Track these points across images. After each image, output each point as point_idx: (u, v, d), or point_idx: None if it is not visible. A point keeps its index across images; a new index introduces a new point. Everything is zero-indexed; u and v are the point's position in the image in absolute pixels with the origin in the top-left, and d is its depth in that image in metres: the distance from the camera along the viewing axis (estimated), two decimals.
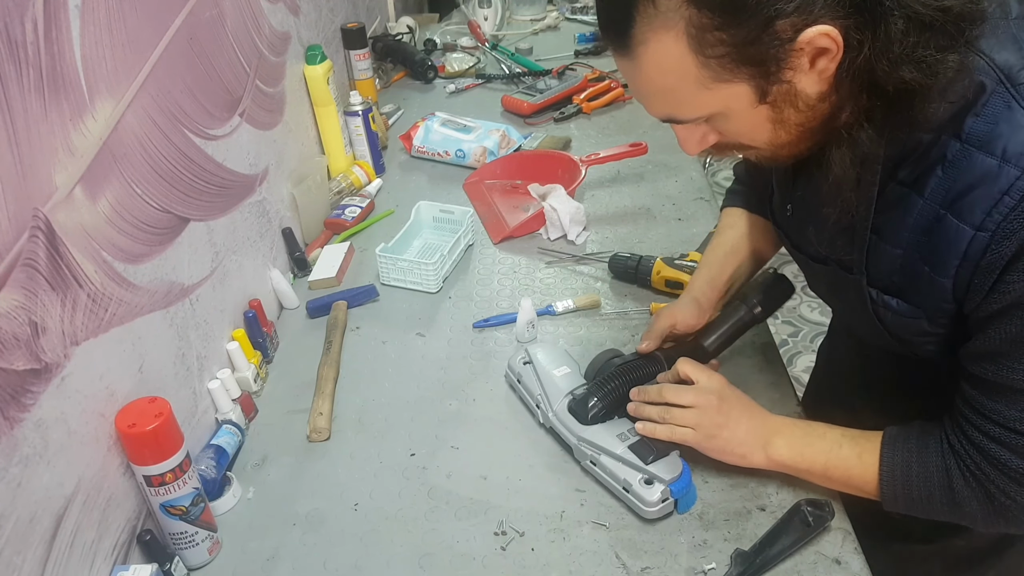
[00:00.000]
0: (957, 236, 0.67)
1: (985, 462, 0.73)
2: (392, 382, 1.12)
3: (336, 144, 1.55)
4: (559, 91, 1.88)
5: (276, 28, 1.33)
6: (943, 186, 0.68)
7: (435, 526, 0.91)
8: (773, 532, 0.85)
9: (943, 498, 0.77)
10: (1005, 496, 0.73)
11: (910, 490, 0.78)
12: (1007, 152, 0.63)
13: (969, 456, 0.75)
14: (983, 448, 0.73)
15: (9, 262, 0.66)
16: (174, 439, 0.82)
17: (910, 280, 0.74)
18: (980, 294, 0.68)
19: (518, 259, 1.37)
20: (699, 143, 0.76)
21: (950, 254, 0.68)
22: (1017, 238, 0.63)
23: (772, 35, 0.62)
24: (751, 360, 1.10)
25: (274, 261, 1.29)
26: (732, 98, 0.67)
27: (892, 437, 0.81)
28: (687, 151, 0.78)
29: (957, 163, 0.66)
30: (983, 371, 0.71)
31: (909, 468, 0.78)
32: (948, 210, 0.67)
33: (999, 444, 0.72)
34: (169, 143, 0.94)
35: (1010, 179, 0.63)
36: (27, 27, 0.68)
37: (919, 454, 0.78)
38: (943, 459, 0.77)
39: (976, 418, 0.73)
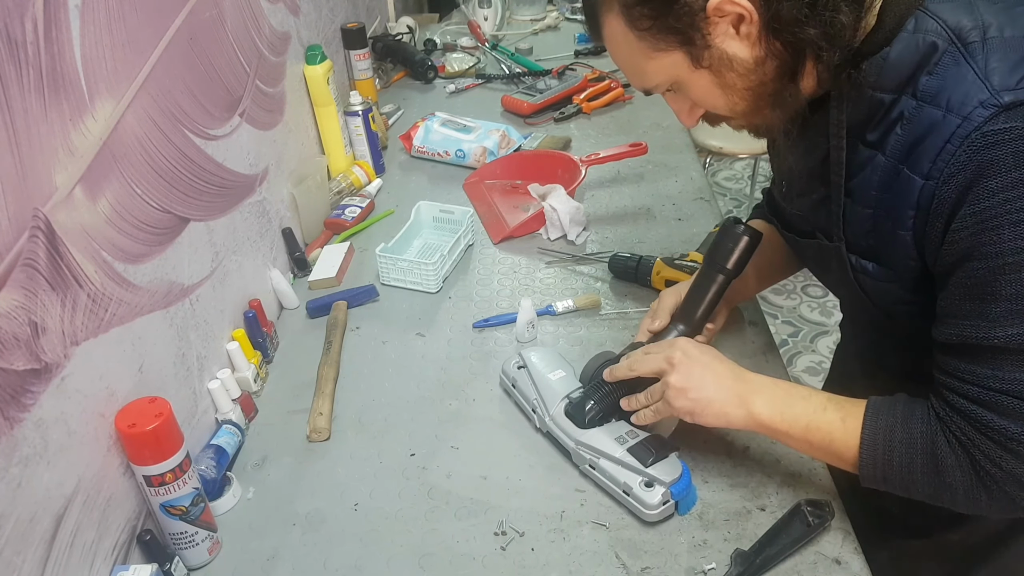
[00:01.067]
0: (910, 187, 0.70)
1: (969, 426, 0.72)
2: (392, 382, 1.12)
3: (336, 144, 1.55)
4: (559, 91, 1.88)
5: (276, 28, 1.33)
6: (901, 142, 0.71)
7: (435, 526, 0.91)
8: (773, 532, 0.85)
9: (925, 466, 0.75)
10: (991, 463, 0.71)
11: (891, 456, 0.76)
12: (950, 102, 0.67)
13: (953, 421, 0.73)
14: (965, 411, 0.72)
15: (9, 262, 0.66)
16: (174, 439, 0.82)
17: (881, 240, 0.77)
18: (935, 246, 0.71)
19: (518, 259, 1.37)
20: (689, 114, 0.83)
21: (906, 205, 0.71)
22: (955, 182, 0.66)
23: (683, 6, 0.70)
24: (751, 361, 1.10)
25: (274, 261, 1.29)
26: (673, 66, 0.76)
27: (877, 403, 0.80)
28: (683, 123, 0.85)
29: (912, 119, 0.70)
30: (949, 335, 0.72)
31: (892, 433, 0.77)
32: (904, 164, 0.71)
33: (980, 405, 0.71)
34: (169, 143, 0.94)
35: (951, 127, 0.66)
36: (27, 27, 0.68)
37: (904, 420, 0.77)
38: (928, 426, 0.76)
39: (952, 382, 0.73)
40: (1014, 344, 0.67)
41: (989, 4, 0.68)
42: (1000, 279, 0.66)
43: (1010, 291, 0.66)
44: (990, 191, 0.64)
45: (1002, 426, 0.70)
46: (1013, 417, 0.69)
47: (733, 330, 1.16)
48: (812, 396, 0.83)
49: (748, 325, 1.17)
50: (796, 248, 0.95)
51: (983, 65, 0.65)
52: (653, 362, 0.89)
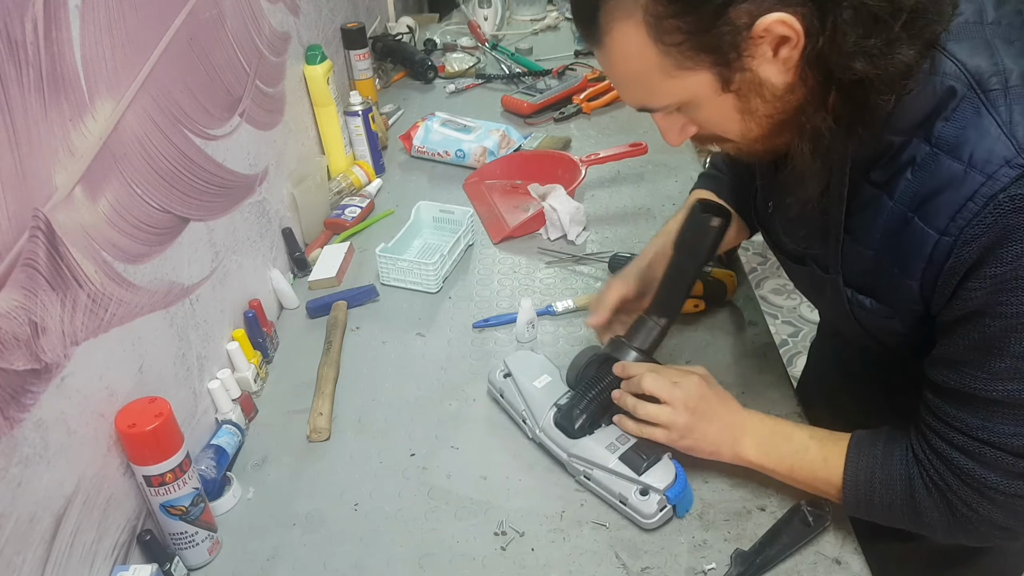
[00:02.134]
0: (923, 239, 0.67)
1: (947, 471, 0.73)
2: (392, 382, 1.12)
3: (336, 144, 1.55)
4: (559, 91, 1.88)
5: (276, 28, 1.33)
6: (911, 189, 0.68)
7: (435, 526, 0.91)
8: (773, 532, 0.85)
9: (904, 507, 0.77)
10: (966, 507, 0.73)
11: (872, 497, 0.79)
12: (973, 158, 0.63)
13: (932, 465, 0.74)
14: (945, 456, 0.73)
15: (9, 262, 0.66)
16: (174, 439, 0.82)
17: (881, 281, 0.74)
18: (944, 298, 0.68)
19: (518, 259, 1.37)
20: (679, 133, 0.76)
21: (916, 257, 0.68)
22: (978, 244, 0.63)
23: (727, 22, 0.62)
24: (752, 361, 1.10)
25: (274, 261, 1.29)
26: (696, 86, 0.68)
27: (859, 442, 0.81)
28: (669, 142, 0.78)
29: (925, 166, 0.67)
30: (946, 379, 0.71)
31: (873, 475, 0.78)
32: (915, 213, 0.68)
33: (962, 452, 0.72)
34: (169, 143, 0.94)
35: (975, 185, 0.63)
36: (27, 27, 0.68)
37: (883, 461, 0.78)
38: (907, 468, 0.77)
39: (939, 425, 0.73)
40: (1011, 399, 0.67)
41: (1007, 46, 0.65)
42: (1011, 337, 0.65)
43: (1019, 350, 0.65)
44: (1014, 255, 0.62)
45: (982, 475, 0.71)
46: (993, 467, 0.70)
47: (733, 330, 1.16)
48: (795, 435, 0.85)
49: (748, 325, 1.17)
50: (786, 268, 0.92)
51: (1007, 118, 0.62)
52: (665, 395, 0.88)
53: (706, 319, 1.18)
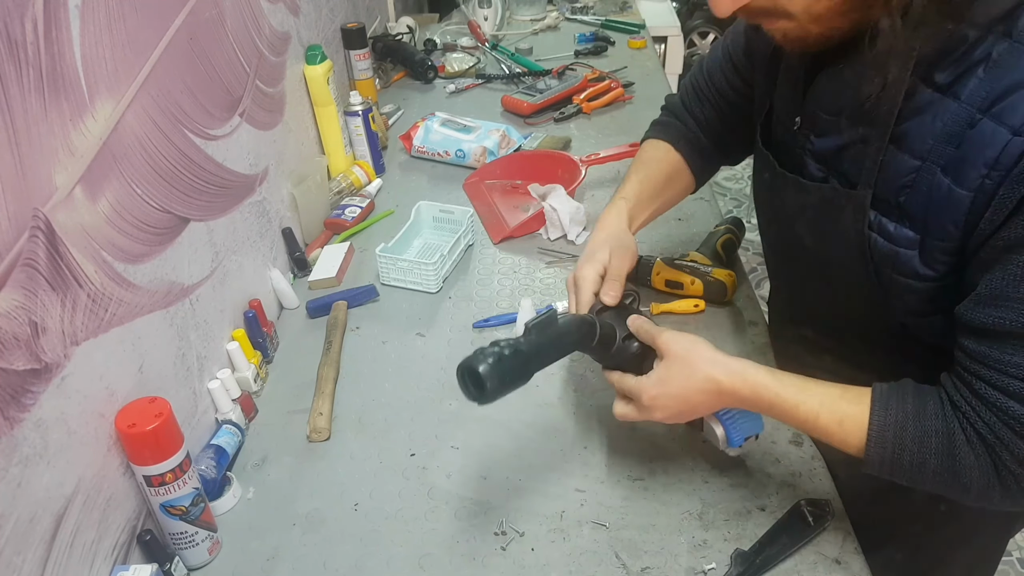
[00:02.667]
0: (992, 140, 0.61)
1: (999, 422, 0.66)
2: (392, 382, 1.12)
3: (336, 144, 1.55)
4: (559, 91, 1.88)
5: (276, 28, 1.33)
6: (984, 88, 0.63)
7: (435, 526, 0.91)
8: (773, 532, 0.85)
9: (940, 466, 0.70)
10: (1017, 463, 0.66)
11: (901, 456, 0.71)
12: None
13: (980, 417, 0.67)
14: (999, 406, 0.66)
15: (9, 262, 0.66)
16: (174, 439, 0.82)
17: (918, 197, 0.68)
18: (1002, 213, 0.62)
19: (518, 259, 1.37)
20: (733, 0, 0.70)
21: (979, 161, 0.63)
22: None
23: None
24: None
25: (274, 261, 1.29)
26: None
27: (883, 397, 0.73)
28: (719, 10, 0.70)
29: (1003, 62, 0.61)
30: (997, 319, 0.65)
31: (903, 431, 0.71)
32: (985, 113, 0.62)
33: (1019, 401, 0.65)
34: (169, 143, 0.94)
35: None
36: (27, 27, 0.68)
37: (916, 415, 0.71)
38: (945, 422, 0.69)
39: (988, 373, 0.66)
40: None
41: None
42: None
43: None
44: None
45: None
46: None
47: (733, 330, 1.16)
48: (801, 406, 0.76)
49: (748, 325, 1.17)
50: (787, 192, 0.85)
51: None
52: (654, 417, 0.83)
53: (706, 319, 1.18)
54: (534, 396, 1.08)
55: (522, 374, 0.77)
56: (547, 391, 1.09)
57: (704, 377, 0.79)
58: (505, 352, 0.75)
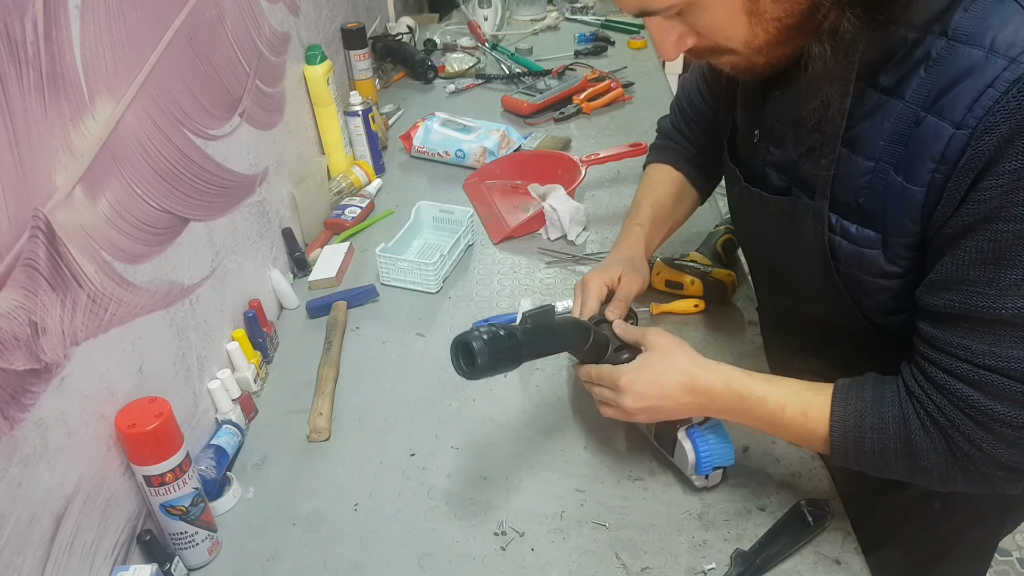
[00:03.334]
0: (936, 136, 0.64)
1: (950, 405, 0.68)
2: (392, 382, 1.12)
3: (336, 144, 1.55)
4: (559, 91, 1.88)
5: (276, 28, 1.33)
6: (925, 86, 0.65)
7: (435, 526, 0.91)
8: (773, 532, 0.85)
9: (899, 451, 0.72)
10: (969, 444, 0.68)
11: (862, 444, 0.73)
12: (996, 42, 0.60)
13: (931, 400, 0.69)
14: (947, 388, 0.68)
15: (9, 262, 0.66)
16: (174, 439, 0.82)
17: (876, 197, 0.71)
18: (952, 204, 0.64)
19: (518, 259, 1.37)
20: (676, 45, 0.73)
21: (927, 157, 0.65)
22: (997, 134, 0.59)
23: None
24: (751, 362, 1.10)
25: (274, 261, 1.29)
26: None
27: (844, 388, 0.75)
28: (664, 55, 0.74)
29: (941, 60, 0.63)
30: (947, 303, 0.67)
31: (862, 419, 0.73)
32: (929, 110, 0.64)
33: (966, 383, 0.67)
34: (169, 143, 0.94)
35: (996, 70, 0.59)
36: (27, 27, 0.68)
37: (874, 404, 0.73)
38: (900, 408, 0.71)
39: (939, 356, 0.68)
40: (1019, 319, 0.63)
41: None
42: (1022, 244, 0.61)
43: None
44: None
45: (987, 406, 0.66)
46: (1000, 397, 0.65)
47: (733, 330, 1.16)
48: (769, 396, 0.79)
49: (748, 325, 1.17)
50: (756, 209, 0.87)
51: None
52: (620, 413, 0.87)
53: (706, 319, 1.19)
54: (534, 396, 1.08)
55: (513, 357, 0.79)
56: (547, 391, 1.09)
57: (682, 369, 0.82)
58: (500, 333, 0.78)
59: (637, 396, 0.83)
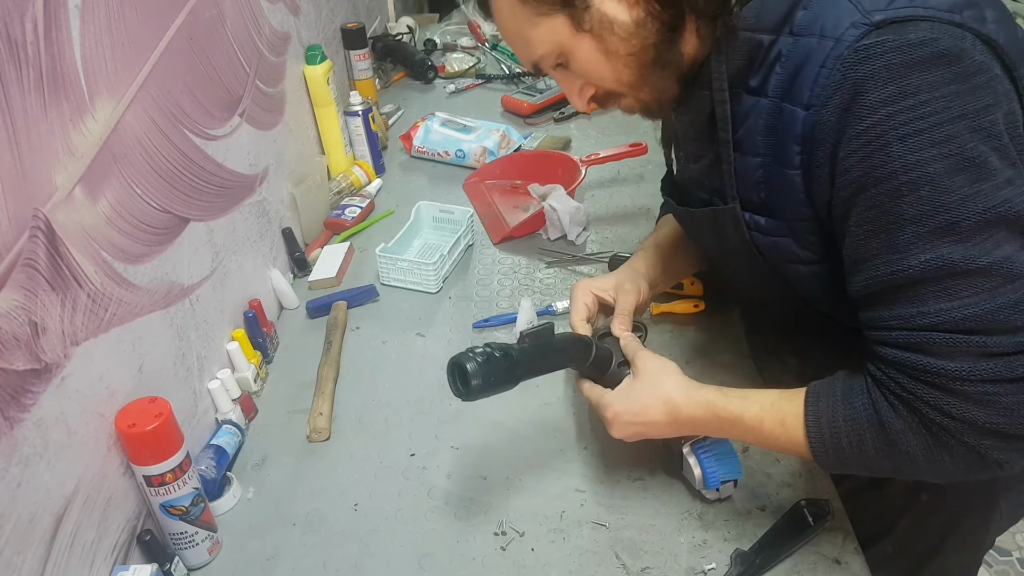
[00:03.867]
0: (793, 121, 0.70)
1: (905, 377, 0.67)
2: (392, 382, 1.12)
3: (336, 144, 1.55)
4: (559, 91, 1.88)
5: (276, 28, 1.33)
6: (781, 80, 0.71)
7: (435, 526, 0.91)
8: (773, 532, 0.85)
9: (876, 439, 0.70)
10: (939, 413, 0.65)
11: (839, 440, 0.72)
12: (824, 27, 0.67)
13: (890, 379, 0.68)
14: (898, 361, 0.67)
15: (9, 262, 0.66)
16: (174, 439, 0.82)
17: (772, 189, 0.76)
18: (823, 181, 0.69)
19: (518, 259, 1.37)
20: (580, 94, 0.83)
21: (791, 141, 0.70)
22: (833, 104, 0.65)
23: None
24: (751, 360, 1.10)
25: (274, 261, 1.29)
26: (555, 31, 0.75)
27: (814, 390, 0.75)
28: (574, 104, 0.85)
29: (791, 54, 0.70)
30: (864, 283, 0.68)
31: (835, 414, 0.72)
32: (784, 100, 0.71)
33: (911, 350, 0.66)
34: (169, 143, 0.94)
35: (826, 50, 0.66)
36: (27, 27, 0.68)
37: (843, 398, 0.73)
38: (867, 395, 0.71)
39: (880, 334, 0.69)
40: (930, 272, 0.63)
41: None
42: (899, 202, 0.63)
43: (912, 212, 0.63)
44: (869, 107, 0.63)
45: (938, 367, 0.64)
46: (946, 355, 0.64)
47: (732, 330, 1.16)
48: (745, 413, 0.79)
49: None
50: (692, 225, 0.95)
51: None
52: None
53: (706, 319, 1.18)
54: (534, 396, 1.08)
55: (509, 378, 0.79)
56: (547, 391, 1.09)
57: (665, 399, 0.83)
58: (495, 354, 0.78)
59: (621, 427, 0.85)
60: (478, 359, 0.76)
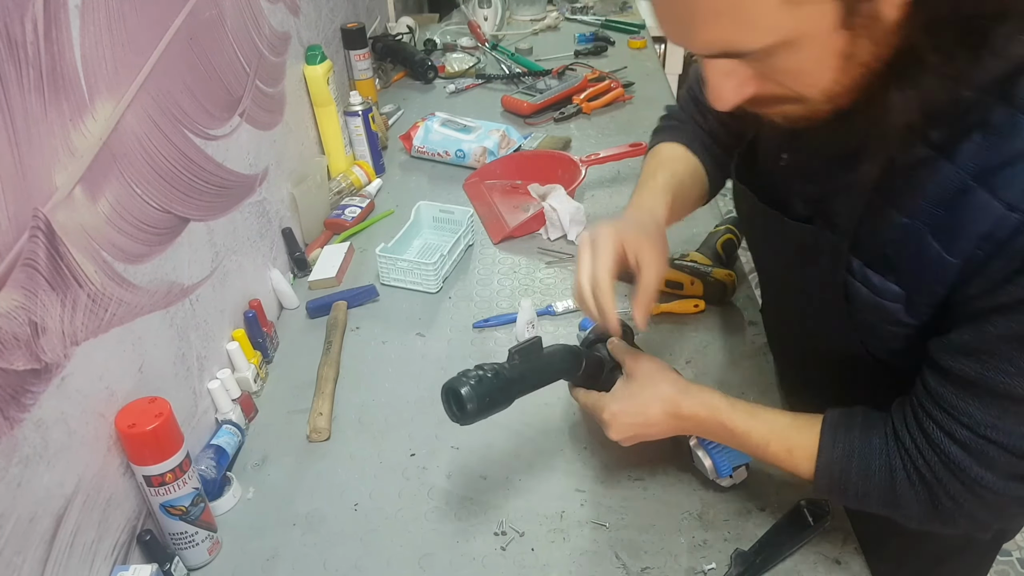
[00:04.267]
0: (985, 213, 0.59)
1: (940, 464, 0.67)
2: (392, 382, 1.12)
3: (336, 144, 1.55)
4: (559, 91, 1.88)
5: (276, 28, 1.33)
6: (979, 155, 0.60)
7: (435, 526, 0.91)
8: (773, 532, 0.85)
9: (882, 497, 0.72)
10: (952, 501, 0.68)
11: (846, 486, 0.73)
12: None
13: (922, 455, 0.69)
14: (942, 449, 0.67)
15: (9, 262, 0.66)
16: (174, 439, 0.82)
17: (907, 255, 0.66)
18: (991, 282, 0.60)
19: (518, 259, 1.37)
20: (736, 91, 0.63)
21: (971, 232, 0.60)
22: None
23: None
24: (751, 361, 1.10)
25: (274, 261, 1.29)
26: (813, 18, 0.55)
27: (832, 427, 0.74)
28: (719, 103, 0.64)
29: (1001, 130, 0.58)
30: (963, 368, 0.64)
31: (848, 464, 0.72)
32: (979, 182, 0.59)
33: (962, 448, 0.66)
34: (169, 143, 0.94)
35: None
36: (27, 27, 0.68)
37: (861, 450, 0.72)
38: (887, 458, 0.71)
39: (941, 416, 0.67)
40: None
41: None
42: None
43: None
44: None
45: (978, 474, 0.66)
46: (992, 467, 0.66)
47: (733, 330, 1.16)
48: (752, 432, 0.79)
49: (748, 325, 1.17)
50: (767, 228, 0.82)
51: None
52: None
53: (706, 319, 1.19)
54: (534, 396, 1.07)
55: (503, 398, 0.80)
56: (547, 391, 1.08)
57: (664, 397, 0.83)
58: (488, 375, 0.79)
59: (620, 428, 0.85)
60: (471, 382, 0.77)
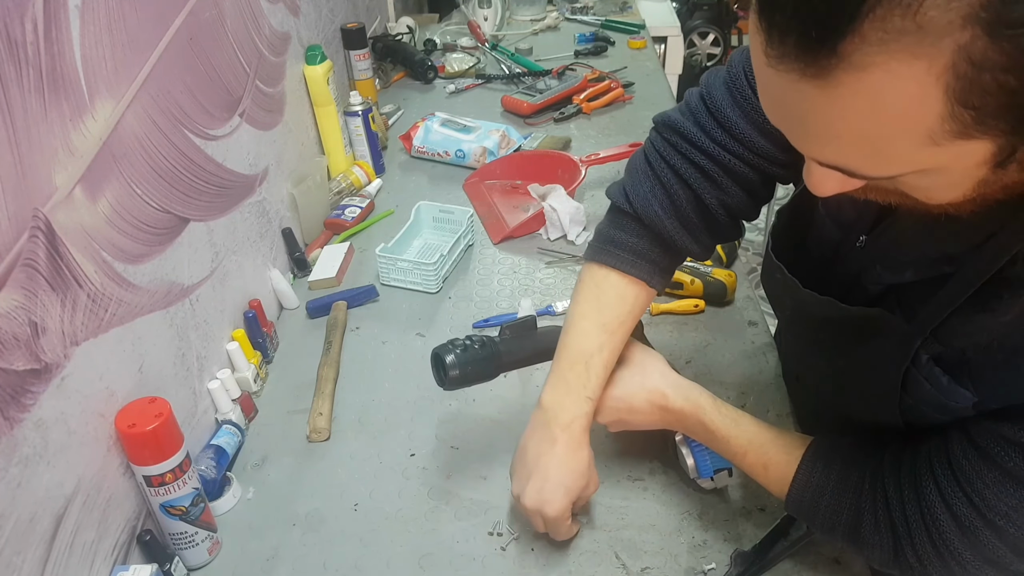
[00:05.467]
0: None
1: (924, 529, 0.65)
2: (392, 382, 1.12)
3: (336, 144, 1.55)
4: (559, 91, 1.88)
5: (276, 28, 1.33)
6: None
7: (435, 526, 0.91)
8: (773, 532, 0.85)
9: (846, 535, 0.72)
10: (916, 558, 0.66)
11: (815, 516, 0.74)
12: None
13: (904, 508, 0.66)
14: (932, 514, 0.64)
15: (9, 262, 0.66)
16: (174, 439, 0.82)
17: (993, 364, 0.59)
18: None
19: (518, 259, 1.37)
20: (839, 184, 0.54)
21: None
22: None
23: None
24: (751, 360, 1.10)
25: (274, 261, 1.29)
26: (962, 156, 0.46)
27: (813, 458, 0.74)
28: (817, 191, 0.56)
29: None
30: (1003, 456, 0.60)
31: (820, 496, 0.73)
32: None
33: (955, 521, 0.63)
34: (169, 143, 0.94)
35: None
36: (27, 27, 0.68)
37: (836, 487, 0.71)
38: (857, 499, 0.70)
39: (948, 484, 0.63)
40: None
41: None
42: None
43: None
44: None
45: (960, 551, 0.63)
46: (977, 549, 0.63)
47: (733, 330, 1.16)
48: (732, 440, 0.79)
49: (748, 325, 1.17)
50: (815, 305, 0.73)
51: None
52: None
53: (706, 319, 1.19)
54: (534, 396, 1.07)
55: (488, 369, 0.83)
56: None
57: (652, 387, 0.83)
58: (474, 346, 0.82)
59: (605, 411, 0.85)
60: (457, 350, 0.80)
